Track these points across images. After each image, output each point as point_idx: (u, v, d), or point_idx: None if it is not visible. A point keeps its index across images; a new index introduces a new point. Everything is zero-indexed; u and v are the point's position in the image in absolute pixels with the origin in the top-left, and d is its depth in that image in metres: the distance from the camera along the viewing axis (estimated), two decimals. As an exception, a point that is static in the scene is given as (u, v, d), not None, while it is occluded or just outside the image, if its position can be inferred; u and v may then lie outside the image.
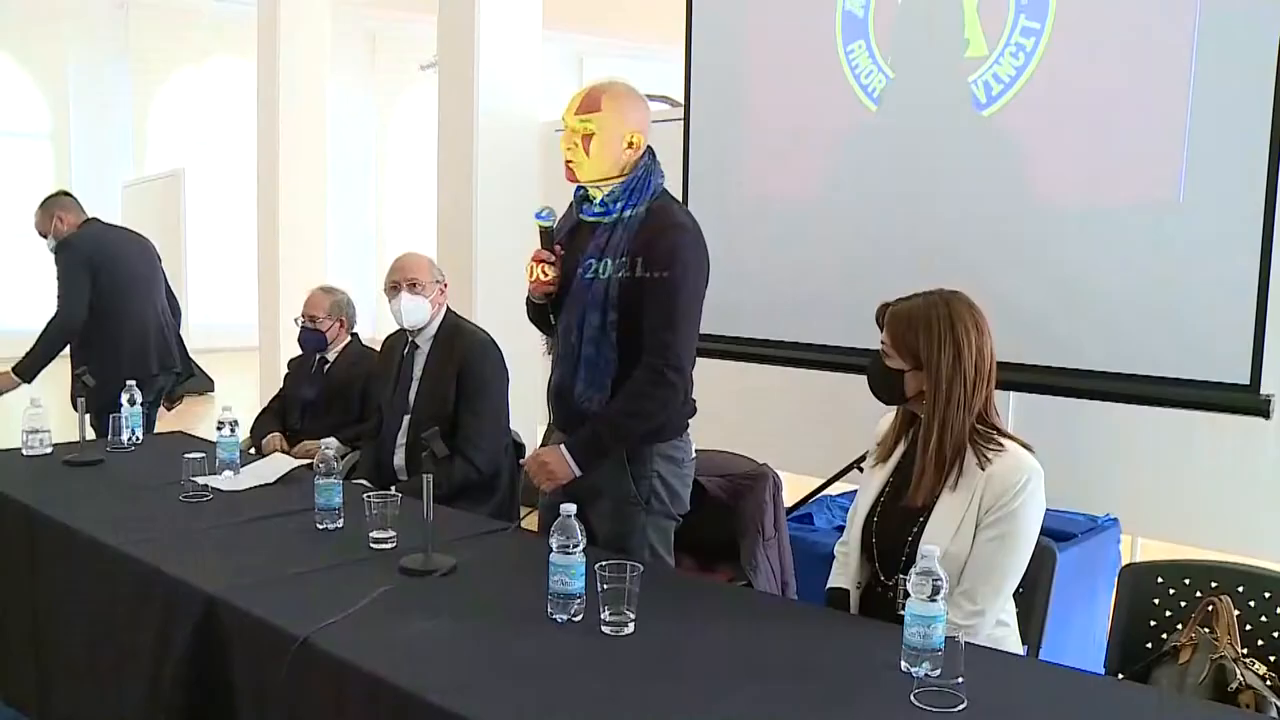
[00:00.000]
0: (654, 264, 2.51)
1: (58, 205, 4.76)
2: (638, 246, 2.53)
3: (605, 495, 2.62)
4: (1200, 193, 3.05)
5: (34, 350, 4.55)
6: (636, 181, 2.59)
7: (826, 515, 3.82)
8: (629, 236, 2.55)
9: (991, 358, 2.22)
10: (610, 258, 2.54)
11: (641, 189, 2.59)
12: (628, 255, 2.53)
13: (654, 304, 2.53)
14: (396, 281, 3.56)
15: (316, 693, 1.91)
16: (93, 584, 2.56)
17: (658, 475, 2.64)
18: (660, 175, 2.65)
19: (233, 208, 12.74)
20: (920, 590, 1.75)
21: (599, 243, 2.57)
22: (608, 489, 2.63)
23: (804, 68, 3.88)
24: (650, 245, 2.53)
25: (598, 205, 2.61)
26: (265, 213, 7.82)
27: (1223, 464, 3.57)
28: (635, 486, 2.62)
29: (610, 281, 2.53)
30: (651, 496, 2.64)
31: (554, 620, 2.03)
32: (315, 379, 4.11)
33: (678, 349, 2.55)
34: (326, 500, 2.69)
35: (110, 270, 4.69)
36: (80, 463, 3.36)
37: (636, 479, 2.63)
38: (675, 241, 2.55)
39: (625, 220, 2.56)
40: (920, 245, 3.57)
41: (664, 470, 2.65)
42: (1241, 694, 2.01)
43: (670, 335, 2.54)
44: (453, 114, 5.72)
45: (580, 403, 2.59)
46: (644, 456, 2.63)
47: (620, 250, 2.54)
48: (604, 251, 2.56)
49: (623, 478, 2.62)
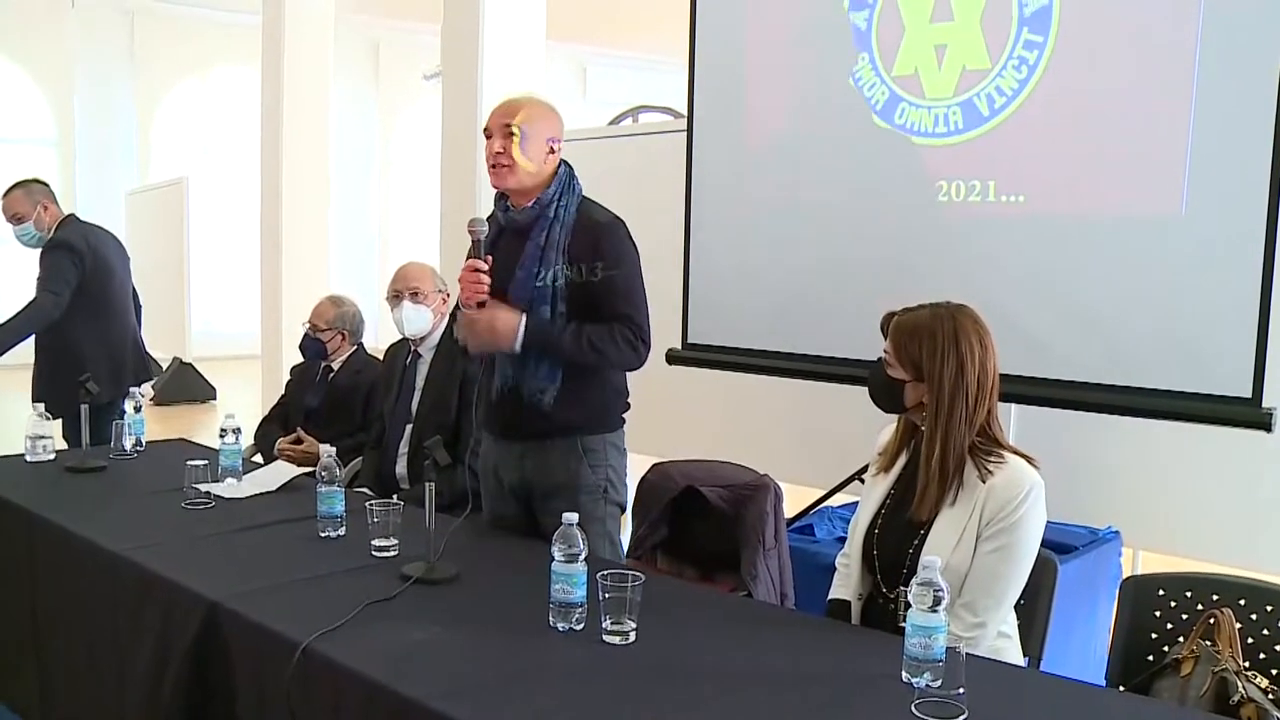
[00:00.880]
0: (604, 262, 2.69)
1: (42, 193, 4.56)
2: (581, 248, 2.69)
3: (564, 487, 2.72)
4: (1202, 206, 3.05)
5: (7, 325, 4.36)
6: (562, 185, 2.76)
7: (827, 527, 3.82)
8: (565, 235, 2.71)
9: (995, 374, 2.22)
10: (551, 257, 2.68)
11: (568, 192, 2.76)
12: (569, 255, 2.68)
13: (613, 296, 2.69)
14: (399, 290, 3.57)
15: (317, 700, 1.91)
16: (94, 590, 2.57)
17: (611, 465, 2.79)
18: (579, 183, 2.82)
19: (236, 216, 12.80)
20: (921, 601, 1.75)
21: (538, 242, 2.70)
22: (567, 480, 2.73)
23: (808, 79, 3.89)
24: (596, 246, 2.69)
25: (528, 215, 2.72)
26: (268, 221, 7.84)
27: (1224, 477, 3.57)
28: (594, 476, 2.75)
29: (557, 280, 2.67)
30: (608, 485, 2.78)
31: (555, 629, 2.03)
32: (319, 387, 4.12)
33: (644, 327, 2.74)
34: (329, 508, 2.69)
35: (102, 274, 4.56)
36: (82, 469, 3.37)
37: (594, 468, 2.76)
38: (616, 236, 2.74)
39: (561, 219, 2.71)
40: (924, 257, 3.57)
41: (615, 462, 2.81)
42: (1243, 707, 2.01)
43: (636, 314, 2.72)
44: (456, 124, 5.73)
45: (532, 399, 2.70)
46: (599, 446, 2.77)
47: (560, 247, 2.68)
48: (543, 249, 2.69)
49: (581, 468, 2.74)
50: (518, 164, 2.68)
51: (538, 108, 2.75)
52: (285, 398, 4.30)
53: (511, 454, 2.81)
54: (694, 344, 4.21)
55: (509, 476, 2.82)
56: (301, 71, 7.68)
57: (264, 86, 7.88)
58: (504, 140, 2.68)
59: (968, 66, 3.46)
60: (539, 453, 2.77)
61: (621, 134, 5.87)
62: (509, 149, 2.67)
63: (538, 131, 2.71)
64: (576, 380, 2.72)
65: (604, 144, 5.28)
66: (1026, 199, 3.38)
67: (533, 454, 2.78)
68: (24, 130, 13.29)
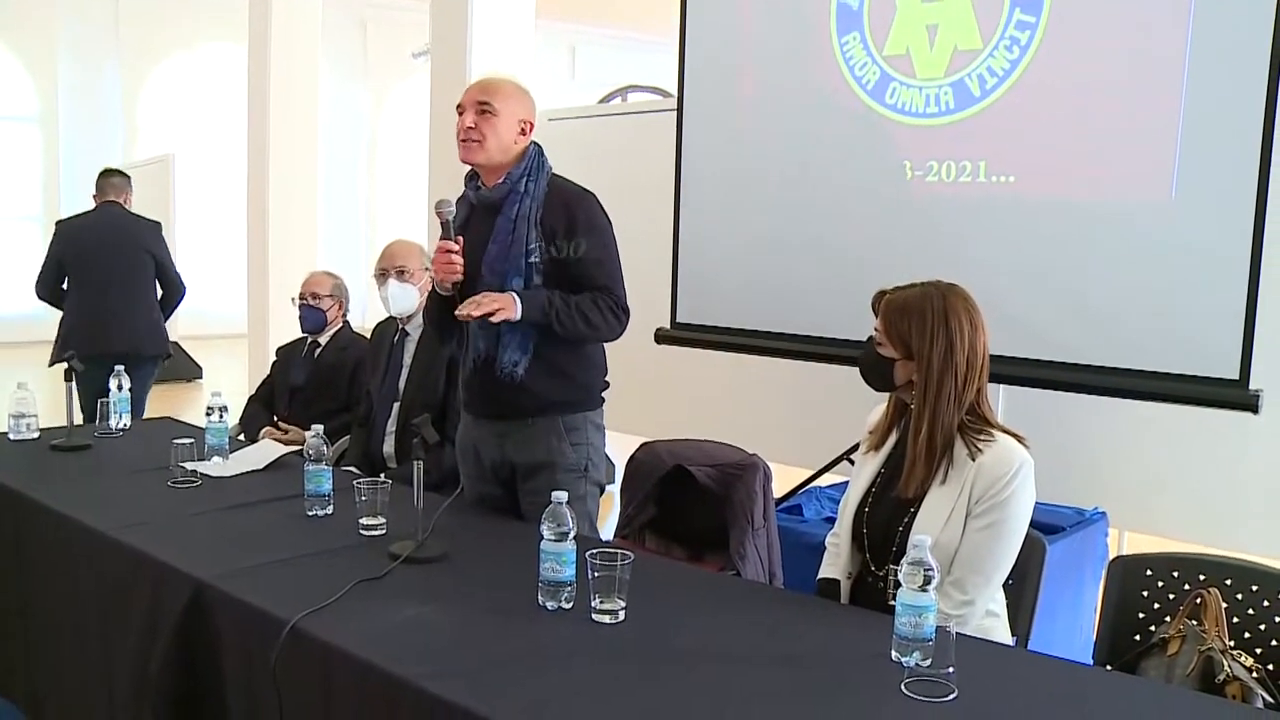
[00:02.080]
0: (579, 235, 2.71)
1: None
2: (555, 223, 2.72)
3: (546, 467, 2.74)
4: (1192, 190, 3.05)
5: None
6: (531, 161, 2.77)
7: (815, 506, 3.83)
8: (537, 208, 2.72)
9: (985, 353, 2.22)
10: (523, 230, 2.69)
11: (537, 170, 2.78)
12: (542, 228, 2.70)
13: (590, 268, 2.71)
14: (385, 268, 3.56)
15: (305, 678, 1.90)
16: (80, 570, 2.55)
17: (591, 444, 2.80)
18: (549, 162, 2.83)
19: (222, 194, 12.72)
20: (912, 580, 1.75)
21: (509, 215, 2.72)
22: (548, 460, 2.74)
23: (798, 59, 3.87)
24: (569, 218, 2.72)
25: (499, 191, 2.74)
26: (255, 199, 7.80)
27: (1211, 459, 3.58)
28: (575, 454, 2.76)
29: (531, 254, 2.69)
30: (588, 463, 2.79)
31: (544, 608, 2.03)
32: (305, 363, 4.09)
33: (622, 298, 2.76)
34: (316, 487, 2.68)
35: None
36: (68, 448, 3.35)
37: (575, 446, 2.77)
38: (589, 208, 2.77)
39: (531, 193, 2.73)
40: (913, 238, 3.57)
41: (595, 439, 2.82)
42: (1229, 685, 2.02)
43: (615, 285, 2.75)
44: (445, 102, 5.66)
45: (505, 371, 2.70)
46: (580, 424, 2.78)
47: (533, 220, 2.70)
48: (515, 224, 2.71)
49: (564, 446, 2.76)
50: (488, 140, 2.71)
51: (511, 88, 2.79)
52: (271, 378, 4.28)
53: (492, 433, 2.81)
54: (683, 323, 4.21)
55: (490, 456, 2.83)
56: (289, 49, 7.62)
57: (251, 63, 7.82)
58: (476, 116, 2.72)
59: (959, 46, 3.45)
60: (520, 431, 2.78)
61: (610, 113, 5.85)
62: (480, 125, 2.71)
63: (510, 110, 2.74)
64: (553, 355, 2.73)
65: (593, 123, 5.26)
66: (1017, 180, 3.38)
67: (514, 433, 2.78)
68: (6, 106, 13.16)
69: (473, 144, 2.72)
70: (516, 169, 2.75)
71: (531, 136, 2.80)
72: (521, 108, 2.78)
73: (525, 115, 2.78)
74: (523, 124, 2.77)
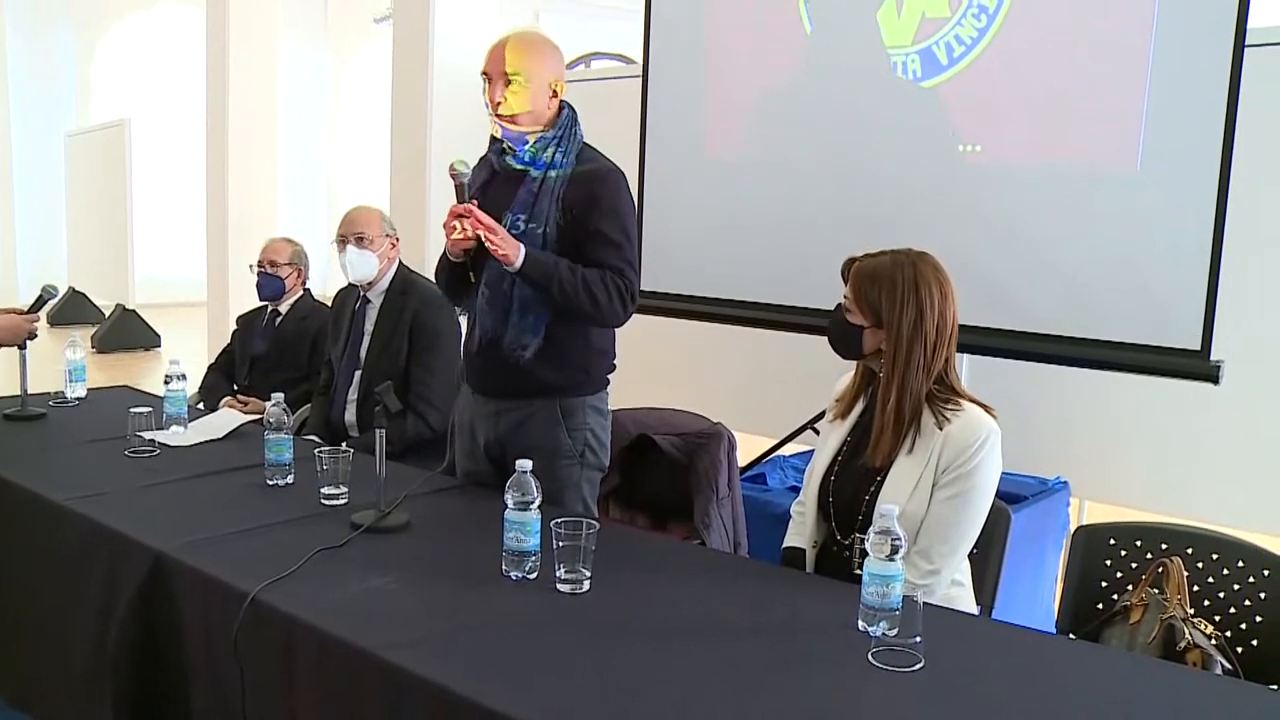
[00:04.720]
0: (600, 212, 2.57)
1: None
2: (577, 196, 2.58)
3: (539, 451, 2.58)
4: (1157, 161, 3.07)
5: None
6: (564, 132, 2.63)
7: (780, 475, 3.83)
8: (562, 184, 2.59)
9: (954, 322, 2.22)
10: (544, 205, 2.57)
11: (569, 140, 2.63)
12: (563, 203, 2.57)
13: (606, 247, 2.58)
14: (344, 235, 3.51)
15: (266, 650, 1.88)
16: (37, 541, 2.51)
17: (590, 429, 2.69)
18: (581, 128, 2.69)
19: (180, 160, 12.50)
20: (879, 550, 1.75)
21: (530, 189, 2.59)
22: (542, 444, 2.63)
23: (766, 26, 3.84)
24: (592, 196, 2.58)
25: (526, 155, 2.62)
26: (214, 166, 7.69)
27: (1172, 429, 3.62)
28: (571, 440, 2.66)
29: (547, 227, 2.57)
30: (585, 449, 2.68)
31: (508, 577, 2.01)
32: (266, 332, 4.04)
33: (634, 283, 2.63)
34: (276, 456, 2.65)
35: None
36: (22, 416, 3.29)
37: (571, 432, 2.66)
38: (615, 187, 2.63)
39: (559, 165, 2.60)
40: (880, 206, 3.56)
41: (594, 424, 2.71)
42: (1189, 653, 2.05)
43: (628, 269, 2.61)
44: (407, 67, 5.63)
45: (512, 350, 2.59)
46: (578, 409, 2.67)
47: (555, 196, 2.57)
48: (536, 198, 2.58)
49: (558, 432, 2.66)
50: (519, 117, 2.57)
51: (538, 48, 2.60)
52: (231, 346, 4.22)
53: (488, 410, 2.73)
54: (648, 291, 4.18)
55: (484, 434, 2.75)
56: (249, 10, 7.50)
57: (209, 26, 7.69)
58: (504, 88, 2.55)
59: (927, 14, 3.44)
60: (516, 412, 2.68)
61: (574, 79, 5.79)
62: (510, 100, 2.55)
63: (539, 75, 2.57)
64: (559, 337, 2.61)
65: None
66: (983, 149, 3.38)
67: (509, 413, 2.68)
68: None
69: (504, 120, 2.57)
70: (545, 136, 2.60)
71: (563, 94, 2.64)
72: (550, 68, 2.60)
73: (555, 75, 2.61)
74: (554, 85, 2.60)
